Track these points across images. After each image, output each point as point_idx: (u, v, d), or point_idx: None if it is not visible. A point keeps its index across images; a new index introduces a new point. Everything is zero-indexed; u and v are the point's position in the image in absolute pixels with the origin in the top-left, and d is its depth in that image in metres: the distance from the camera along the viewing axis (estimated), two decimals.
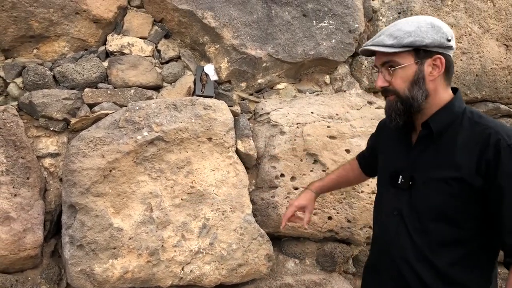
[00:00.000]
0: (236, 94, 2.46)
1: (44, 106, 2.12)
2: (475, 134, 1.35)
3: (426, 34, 1.37)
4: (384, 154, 1.66)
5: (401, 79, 1.41)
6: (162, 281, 2.10)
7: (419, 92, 1.41)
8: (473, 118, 1.40)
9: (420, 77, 1.40)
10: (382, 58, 1.43)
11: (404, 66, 1.39)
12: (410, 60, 1.39)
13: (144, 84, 2.29)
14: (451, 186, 1.34)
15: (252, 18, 2.37)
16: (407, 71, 1.40)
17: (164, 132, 2.09)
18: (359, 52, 1.53)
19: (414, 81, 1.40)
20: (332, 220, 2.40)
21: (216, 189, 2.18)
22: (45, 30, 2.17)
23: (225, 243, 2.16)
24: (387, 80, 1.43)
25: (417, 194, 1.42)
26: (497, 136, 1.30)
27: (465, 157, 1.33)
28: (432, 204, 1.37)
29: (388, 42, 1.39)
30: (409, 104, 1.42)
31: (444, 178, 1.36)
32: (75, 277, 2.00)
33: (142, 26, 2.35)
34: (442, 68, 1.39)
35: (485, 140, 1.32)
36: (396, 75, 1.41)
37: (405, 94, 1.41)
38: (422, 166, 1.44)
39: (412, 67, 1.40)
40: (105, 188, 2.03)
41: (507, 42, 2.91)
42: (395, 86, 1.42)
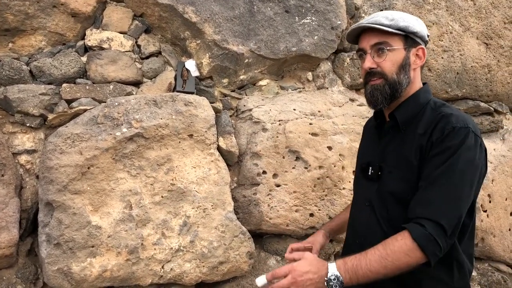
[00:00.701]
0: (217, 90, 2.44)
1: (20, 101, 2.06)
2: (431, 120, 1.39)
3: (414, 23, 1.43)
4: (361, 150, 1.71)
5: (391, 62, 1.43)
6: (142, 280, 2.07)
7: (405, 78, 1.45)
8: (435, 107, 1.44)
9: (407, 63, 1.45)
10: (374, 39, 1.44)
11: (396, 48, 1.42)
12: (400, 45, 1.43)
13: (123, 79, 2.25)
14: (410, 173, 1.37)
15: (234, 13, 2.35)
16: (397, 55, 1.43)
17: (144, 129, 2.06)
18: (347, 34, 1.52)
19: (402, 66, 1.44)
20: (314, 217, 2.40)
21: (197, 187, 2.15)
22: (20, 23, 2.12)
23: (206, 241, 2.14)
24: (376, 62, 1.44)
25: (384, 184, 1.45)
26: (446, 119, 1.35)
27: (419, 143, 1.37)
28: (394, 191, 1.40)
29: (385, 22, 1.42)
30: (395, 88, 1.44)
31: (405, 166, 1.39)
32: (52, 276, 1.96)
33: (122, 20, 2.31)
34: (423, 59, 1.46)
35: (436, 123, 1.35)
36: (385, 57, 1.43)
37: (392, 78, 1.43)
38: (388, 156, 1.47)
39: (401, 51, 1.44)
40: (83, 186, 1.99)
41: (487, 40, 2.95)
42: (384, 69, 1.43)
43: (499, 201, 2.84)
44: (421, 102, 1.46)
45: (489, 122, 3.00)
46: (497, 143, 2.96)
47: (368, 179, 1.51)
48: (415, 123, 1.43)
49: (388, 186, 1.43)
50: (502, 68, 3.00)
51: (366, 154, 1.60)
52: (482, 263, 2.91)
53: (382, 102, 1.45)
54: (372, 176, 1.50)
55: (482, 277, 2.86)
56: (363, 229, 1.50)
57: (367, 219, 1.48)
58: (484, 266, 2.91)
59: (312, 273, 1.27)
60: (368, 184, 1.51)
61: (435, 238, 1.24)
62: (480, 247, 2.81)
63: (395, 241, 1.27)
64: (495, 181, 2.86)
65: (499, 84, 3.00)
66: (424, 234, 1.25)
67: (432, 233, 1.24)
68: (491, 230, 2.80)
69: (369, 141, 1.64)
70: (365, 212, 1.49)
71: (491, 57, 2.95)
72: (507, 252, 2.88)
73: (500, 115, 3.10)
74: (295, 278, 1.26)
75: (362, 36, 1.48)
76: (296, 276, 1.27)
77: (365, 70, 1.46)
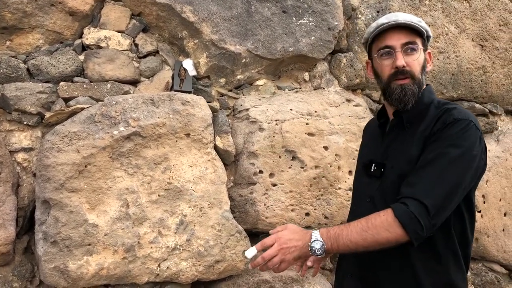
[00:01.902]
0: (215, 90, 2.45)
1: (17, 99, 2.07)
2: (434, 116, 1.41)
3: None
4: (363, 146, 1.74)
5: (418, 62, 1.46)
6: (138, 278, 2.08)
7: (423, 78, 1.49)
8: (438, 106, 1.46)
9: (425, 64, 1.49)
10: (405, 38, 1.44)
11: (421, 49, 1.46)
12: (422, 46, 1.47)
13: (121, 78, 2.26)
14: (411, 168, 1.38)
15: (232, 13, 2.36)
16: (421, 56, 1.47)
17: (141, 127, 2.07)
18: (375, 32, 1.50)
19: (423, 67, 1.48)
20: (309, 216, 2.41)
21: (193, 185, 2.16)
22: (18, 21, 2.12)
23: (202, 240, 2.15)
24: (406, 61, 1.44)
25: (387, 181, 1.47)
26: (448, 112, 1.37)
27: (424, 139, 1.39)
28: (397, 189, 1.41)
29: (417, 22, 1.44)
30: (420, 88, 1.47)
31: (409, 163, 1.40)
32: (49, 274, 1.97)
33: (120, 19, 2.31)
34: (431, 61, 1.51)
35: (439, 117, 1.38)
36: (414, 58, 1.45)
37: (418, 78, 1.46)
38: (392, 154, 1.49)
39: (422, 53, 1.48)
40: (80, 184, 2.00)
41: (483, 42, 2.97)
42: (412, 68, 1.45)
43: (493, 202, 2.87)
44: (425, 101, 1.48)
45: (484, 124, 3.03)
46: (491, 144, 2.99)
47: (370, 176, 1.52)
48: (418, 121, 1.45)
49: (391, 184, 1.44)
50: (497, 70, 3.02)
51: (368, 152, 1.62)
52: (476, 263, 2.93)
53: (411, 101, 1.45)
54: (374, 173, 1.51)
55: (476, 277, 2.88)
56: None
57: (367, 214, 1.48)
58: (478, 266, 2.93)
59: (296, 240, 1.34)
60: (370, 181, 1.52)
61: (416, 217, 1.25)
62: (474, 247, 2.83)
63: (378, 216, 1.31)
64: (490, 181, 2.89)
65: (494, 85, 3.03)
66: (406, 211, 1.27)
67: (414, 211, 1.26)
68: (485, 231, 2.83)
69: (371, 140, 1.66)
70: (366, 208, 1.50)
71: (486, 59, 2.98)
72: (501, 252, 2.90)
73: (495, 116, 3.13)
74: (281, 245, 1.34)
75: (389, 34, 1.46)
76: (282, 243, 1.34)
77: (396, 68, 1.44)
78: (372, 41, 1.53)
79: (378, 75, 1.54)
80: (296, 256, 1.35)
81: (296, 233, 1.36)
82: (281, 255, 1.33)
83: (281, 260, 1.34)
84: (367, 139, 1.76)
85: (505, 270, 2.98)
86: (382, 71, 1.50)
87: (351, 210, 1.68)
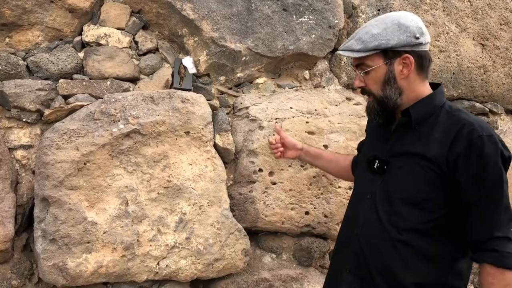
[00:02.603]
0: (215, 87, 2.44)
1: (17, 96, 2.06)
2: (450, 126, 1.39)
3: (392, 35, 1.41)
4: (365, 144, 1.74)
5: (373, 80, 1.47)
6: (137, 276, 2.08)
7: (392, 91, 1.46)
8: (451, 111, 1.45)
9: (390, 77, 1.46)
10: (355, 60, 1.49)
11: (374, 68, 1.45)
12: (380, 62, 1.45)
13: (120, 75, 2.25)
14: (422, 171, 1.38)
15: (232, 11, 2.35)
16: (378, 73, 1.46)
17: (140, 125, 2.06)
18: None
19: (385, 81, 1.46)
20: (309, 215, 2.41)
21: (193, 184, 2.16)
22: (18, 18, 2.11)
23: (201, 238, 2.15)
24: (362, 81, 1.50)
25: (391, 178, 1.46)
26: (470, 127, 1.35)
27: (439, 146, 1.38)
28: (404, 188, 1.42)
29: (356, 47, 1.45)
30: (384, 103, 1.48)
31: (418, 163, 1.40)
32: (47, 272, 1.96)
33: (120, 16, 2.30)
34: (412, 66, 1.43)
35: (458, 131, 1.36)
36: (368, 77, 1.47)
37: (379, 94, 1.47)
38: (398, 152, 1.48)
39: (382, 68, 1.45)
40: (79, 181, 1.99)
41: (483, 41, 2.96)
42: (369, 86, 1.49)
43: None
44: (436, 104, 1.47)
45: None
46: None
47: (373, 172, 1.52)
48: (429, 124, 1.44)
49: (397, 183, 1.44)
50: (498, 69, 3.01)
51: (372, 148, 1.61)
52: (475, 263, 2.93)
53: (375, 118, 1.52)
54: (377, 169, 1.51)
55: (475, 276, 2.88)
56: (362, 220, 1.51)
57: (367, 211, 1.50)
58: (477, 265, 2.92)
59: None
60: (373, 177, 1.52)
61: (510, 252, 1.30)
62: None
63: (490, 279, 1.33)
64: None
65: (495, 85, 3.02)
66: (502, 255, 1.30)
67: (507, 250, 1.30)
68: None
69: (374, 137, 1.65)
70: (366, 204, 1.50)
71: (487, 58, 2.97)
72: None
73: (495, 115, 3.12)
74: None
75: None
76: None
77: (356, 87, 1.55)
78: None
79: None
80: None
81: None
82: None
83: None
84: (369, 136, 1.76)
85: None
86: None
87: (349, 206, 1.66)
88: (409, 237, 1.40)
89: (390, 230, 1.42)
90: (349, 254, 1.53)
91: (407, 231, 1.40)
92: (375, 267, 1.44)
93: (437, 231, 1.39)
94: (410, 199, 1.40)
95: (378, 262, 1.44)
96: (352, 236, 1.53)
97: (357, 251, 1.49)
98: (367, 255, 1.46)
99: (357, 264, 1.50)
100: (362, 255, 1.48)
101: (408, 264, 1.40)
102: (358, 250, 1.49)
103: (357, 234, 1.50)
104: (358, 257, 1.49)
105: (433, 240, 1.39)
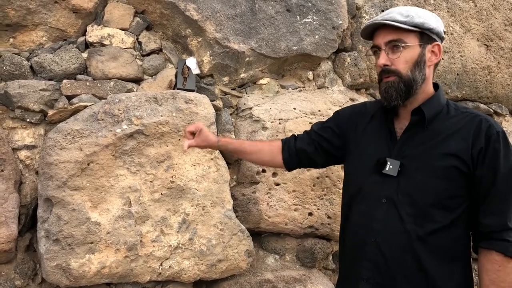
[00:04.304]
0: (218, 88, 2.44)
1: (21, 97, 2.06)
2: (466, 122, 1.40)
3: (431, 19, 1.43)
4: (365, 144, 1.59)
5: (404, 59, 1.43)
6: (140, 277, 2.07)
7: (420, 75, 1.44)
8: (458, 108, 1.46)
9: (422, 60, 1.45)
10: (388, 36, 1.43)
11: (411, 45, 1.42)
12: (415, 42, 1.43)
13: (124, 76, 2.25)
14: (442, 169, 1.37)
15: (236, 11, 2.35)
16: (412, 52, 1.43)
17: (144, 126, 2.06)
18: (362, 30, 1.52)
19: (416, 63, 1.44)
20: (312, 216, 2.40)
21: (196, 184, 2.15)
22: (22, 18, 2.11)
23: (204, 239, 2.15)
24: (390, 59, 1.44)
25: (410, 181, 1.42)
26: (487, 123, 1.38)
27: (458, 144, 1.38)
28: (428, 189, 1.39)
29: (400, 19, 1.41)
30: (410, 85, 1.44)
31: (437, 162, 1.39)
32: (51, 272, 1.96)
33: (123, 17, 2.30)
34: (439, 55, 1.45)
35: (477, 127, 1.38)
36: (399, 55, 1.42)
37: (407, 75, 1.43)
38: (413, 153, 1.44)
39: (416, 48, 1.43)
40: (83, 182, 1.99)
41: (488, 42, 2.95)
42: (397, 66, 1.43)
43: None
44: (442, 102, 1.48)
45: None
46: None
47: (384, 175, 1.46)
48: (439, 122, 1.44)
49: (420, 185, 1.41)
50: (502, 70, 3.00)
51: (377, 149, 1.53)
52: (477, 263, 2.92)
53: (396, 99, 1.43)
54: (390, 172, 1.45)
55: None
56: (380, 226, 1.45)
57: (385, 216, 1.44)
58: None
59: None
60: (382, 179, 1.46)
61: None
62: None
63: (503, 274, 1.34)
64: None
65: (499, 86, 3.01)
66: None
67: None
68: None
69: (377, 136, 1.56)
70: (382, 209, 1.45)
71: (491, 59, 2.96)
72: None
73: (500, 117, 3.11)
74: None
75: (377, 33, 1.46)
76: None
77: (379, 67, 1.45)
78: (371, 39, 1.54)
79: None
80: None
81: None
82: None
83: None
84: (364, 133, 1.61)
85: None
86: (376, 70, 1.54)
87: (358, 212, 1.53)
88: (437, 239, 1.39)
89: (416, 234, 1.39)
90: (365, 262, 1.47)
91: (434, 233, 1.39)
92: (402, 274, 1.41)
93: (458, 228, 1.40)
94: (435, 200, 1.38)
95: (405, 269, 1.41)
96: (368, 243, 1.46)
97: (377, 259, 1.44)
98: (390, 263, 1.42)
99: (377, 272, 1.44)
100: (384, 263, 1.43)
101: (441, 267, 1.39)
102: (378, 258, 1.44)
103: (375, 241, 1.44)
104: (378, 265, 1.44)
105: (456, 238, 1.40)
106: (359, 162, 1.58)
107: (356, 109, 1.73)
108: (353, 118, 1.67)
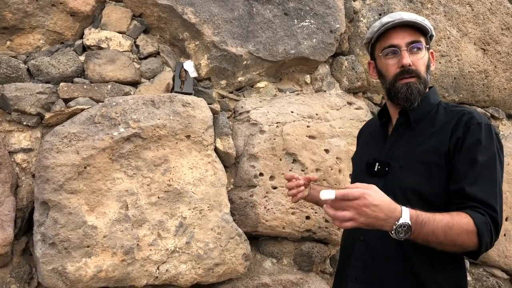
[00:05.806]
0: (215, 91, 2.44)
1: (17, 99, 2.05)
2: (450, 118, 1.41)
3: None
4: (362, 149, 1.71)
5: (423, 61, 1.45)
6: (137, 281, 2.06)
7: (428, 77, 1.48)
8: (447, 107, 1.48)
9: (429, 63, 1.50)
10: (409, 37, 1.44)
11: (427, 47, 1.46)
12: (426, 45, 1.47)
13: (121, 79, 2.24)
14: (427, 168, 1.38)
15: (233, 15, 2.35)
16: (425, 55, 1.46)
17: (141, 129, 2.06)
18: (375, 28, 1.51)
19: (427, 66, 1.47)
20: (310, 219, 2.40)
21: (193, 188, 2.15)
22: (19, 21, 2.11)
23: (202, 242, 2.14)
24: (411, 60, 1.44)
25: (393, 178, 1.45)
26: (469, 115, 1.37)
27: (439, 139, 1.38)
28: (408, 185, 1.40)
29: (421, 21, 1.42)
30: (425, 87, 1.47)
31: (420, 160, 1.40)
32: (47, 276, 1.95)
33: (121, 20, 2.30)
34: (434, 60, 1.50)
35: (458, 120, 1.38)
36: (419, 57, 1.44)
37: (424, 77, 1.46)
38: (398, 152, 1.47)
39: (426, 52, 1.47)
40: (80, 185, 1.99)
41: (484, 46, 2.96)
42: (418, 67, 1.44)
43: None
44: (431, 102, 1.48)
45: None
46: None
47: (373, 175, 1.49)
48: (426, 121, 1.45)
49: (400, 181, 1.42)
50: (499, 74, 3.01)
51: (370, 151, 1.59)
52: (477, 268, 2.92)
53: (417, 100, 1.44)
54: (378, 172, 1.48)
55: (477, 282, 2.87)
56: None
57: None
58: (479, 271, 2.91)
59: (381, 211, 1.13)
60: (373, 180, 1.46)
61: (491, 230, 1.23)
62: None
63: (462, 217, 1.22)
64: None
65: (496, 89, 3.02)
66: (485, 223, 1.23)
67: (491, 224, 1.23)
68: None
69: (371, 141, 1.64)
70: None
71: (488, 63, 2.97)
72: (502, 257, 2.89)
73: (497, 120, 3.12)
74: (361, 207, 1.11)
75: (394, 33, 1.46)
76: (364, 205, 1.11)
77: (402, 66, 1.44)
78: (376, 41, 1.52)
79: (382, 75, 1.52)
80: (369, 225, 1.15)
81: (385, 203, 1.14)
82: (355, 213, 1.12)
83: (352, 218, 1.12)
84: (365, 140, 1.75)
85: (506, 275, 2.96)
86: (387, 71, 1.49)
87: None
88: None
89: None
90: (354, 261, 1.50)
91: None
92: (389, 272, 1.41)
93: None
94: (418, 198, 1.38)
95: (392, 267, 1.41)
96: (357, 242, 1.50)
97: (365, 258, 1.46)
98: (377, 261, 1.43)
99: (365, 270, 1.46)
100: (371, 259, 1.45)
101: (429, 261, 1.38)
102: (366, 257, 1.46)
103: (363, 239, 1.48)
104: (365, 263, 1.46)
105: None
106: (357, 165, 1.68)
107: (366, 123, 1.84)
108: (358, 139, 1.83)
